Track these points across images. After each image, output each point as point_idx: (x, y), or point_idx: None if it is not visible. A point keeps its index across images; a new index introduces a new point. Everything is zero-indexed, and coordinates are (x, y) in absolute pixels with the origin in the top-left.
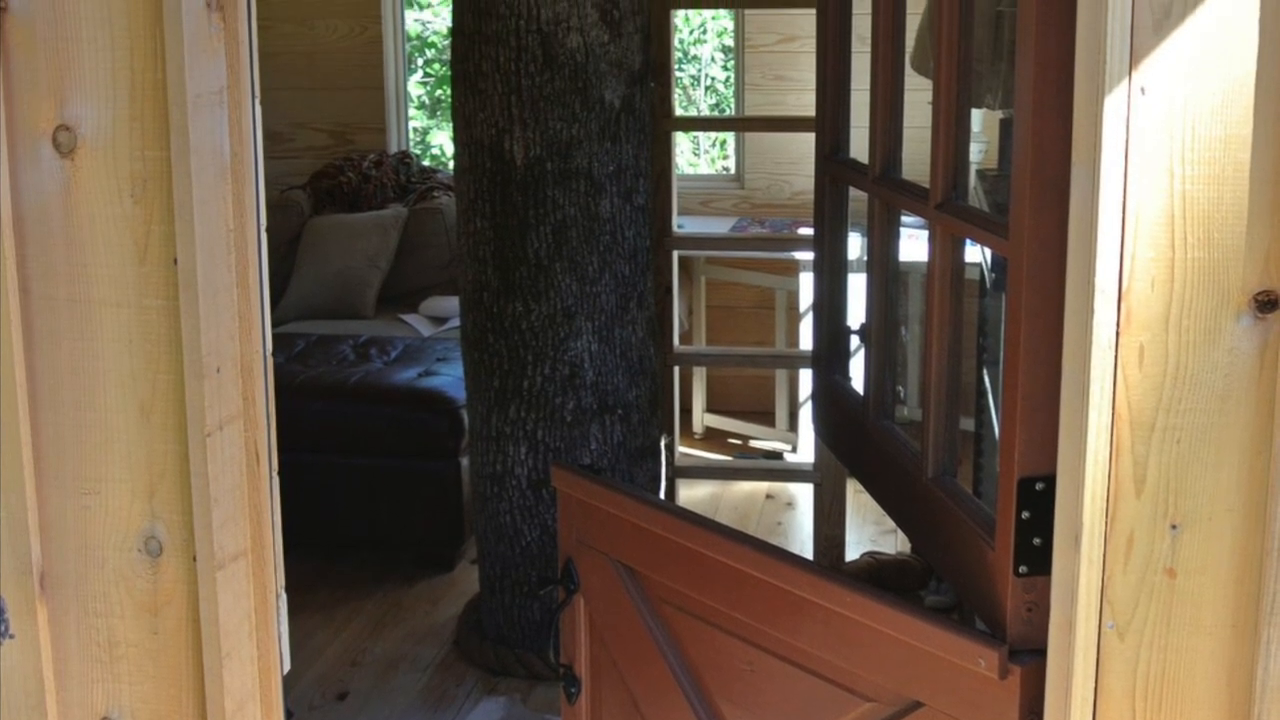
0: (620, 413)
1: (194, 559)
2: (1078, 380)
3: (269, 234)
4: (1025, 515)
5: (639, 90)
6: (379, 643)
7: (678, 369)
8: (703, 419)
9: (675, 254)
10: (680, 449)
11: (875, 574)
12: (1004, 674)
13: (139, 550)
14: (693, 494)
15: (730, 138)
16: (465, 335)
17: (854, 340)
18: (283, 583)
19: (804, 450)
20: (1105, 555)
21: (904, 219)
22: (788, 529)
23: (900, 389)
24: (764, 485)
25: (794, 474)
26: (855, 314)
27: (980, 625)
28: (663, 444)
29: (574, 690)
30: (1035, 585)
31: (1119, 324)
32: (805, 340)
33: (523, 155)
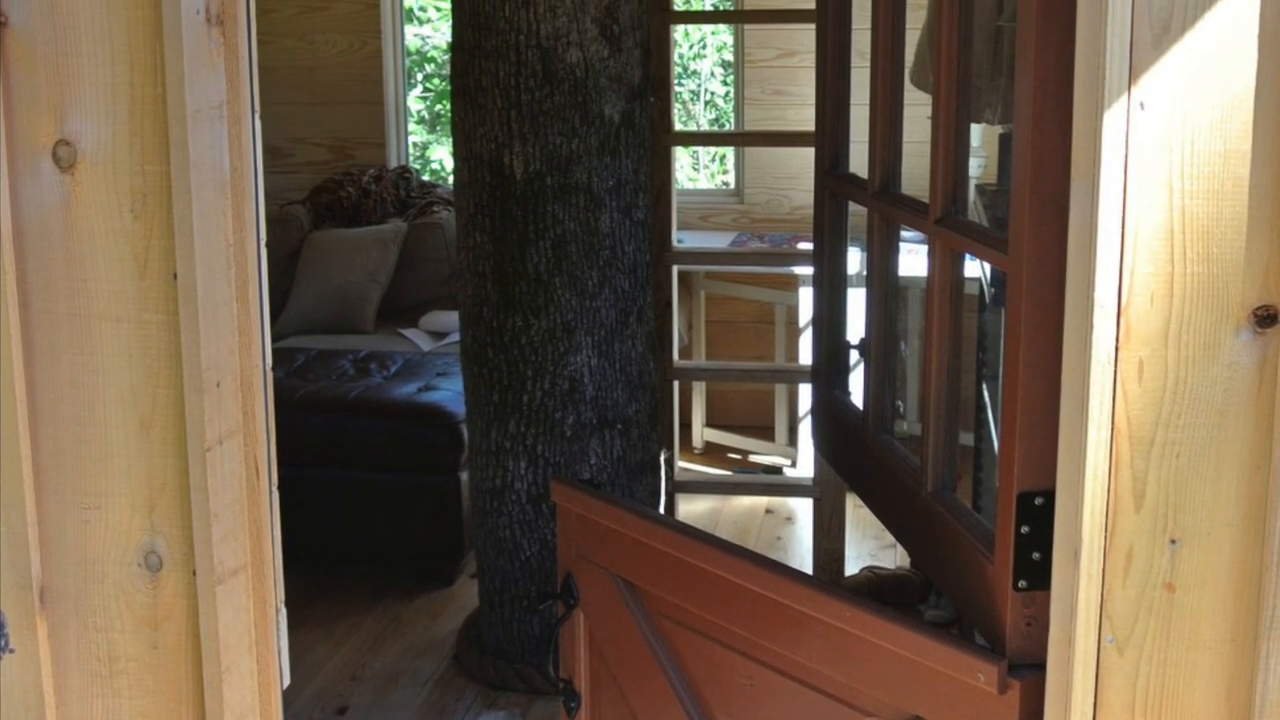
0: (620, 427)
1: (194, 573)
2: (1077, 395)
3: (269, 249)
4: (1024, 530)
5: (639, 105)
6: (378, 657)
7: (677, 384)
8: (702, 434)
9: (675, 269)
10: (680, 464)
11: (875, 588)
12: (1003, 689)
13: (139, 565)
14: (692, 509)
15: (730, 152)
16: (465, 350)
17: (853, 355)
18: (282, 597)
19: (803, 465)
20: (1105, 570)
21: (903, 234)
22: (787, 543)
23: (900, 404)
24: (763, 500)
25: (793, 489)
26: (855, 329)
27: (980, 640)
28: (662, 459)
29: (574, 705)
30: (1034, 600)
31: (1118, 339)
32: (805, 355)
33: (522, 170)
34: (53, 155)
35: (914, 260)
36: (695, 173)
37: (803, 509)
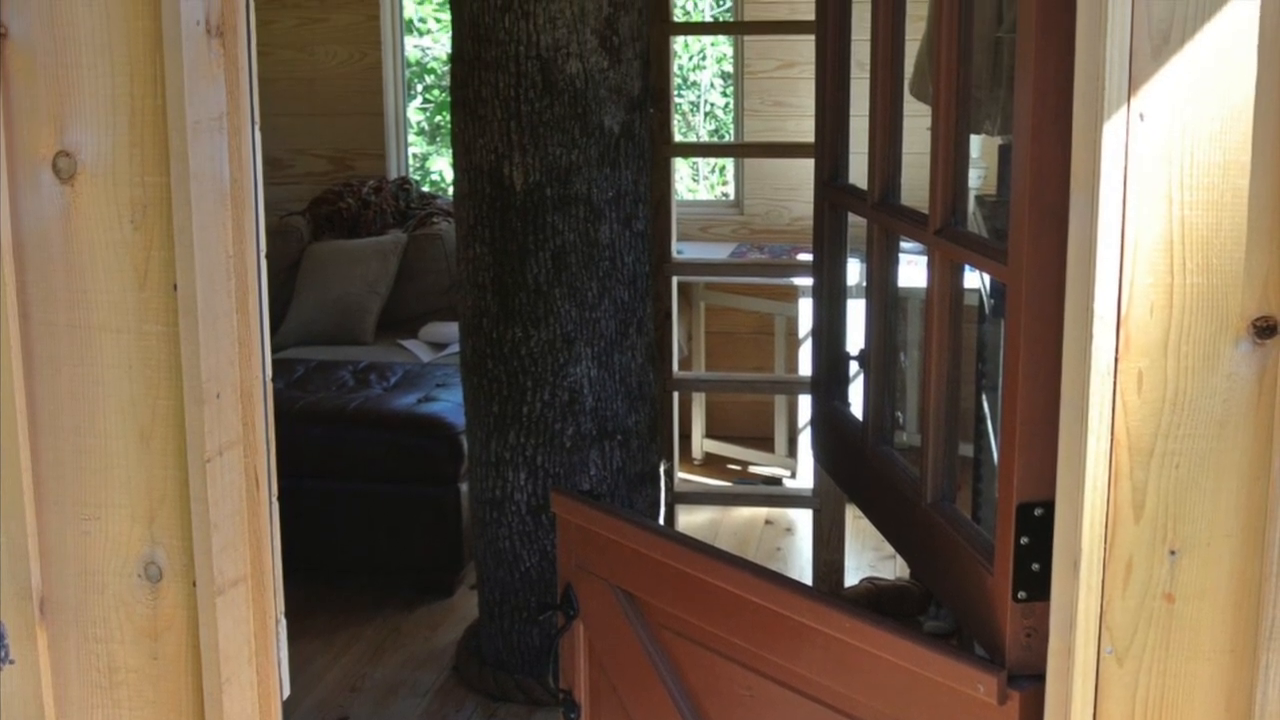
0: (620, 438)
1: (194, 584)
2: (1076, 406)
3: (268, 260)
4: (1024, 540)
5: (638, 116)
6: (378, 668)
7: (677, 394)
8: (702, 444)
9: (675, 280)
10: (679, 474)
11: (874, 599)
12: (1003, 699)
13: (139, 575)
14: (692, 519)
15: (729, 163)
16: (465, 361)
17: (853, 366)
18: (282, 608)
19: (803, 476)
20: (1104, 580)
21: (903, 244)
22: (787, 554)
23: (899, 414)
24: (763, 511)
25: (793, 499)
26: (854, 340)
27: (979, 651)
28: (662, 469)
29: (573, 716)
30: (1034, 611)
31: (1118, 350)
32: (804, 366)
33: (522, 181)
34: (53, 166)
35: (913, 271)
36: (695, 184)
37: (802, 520)
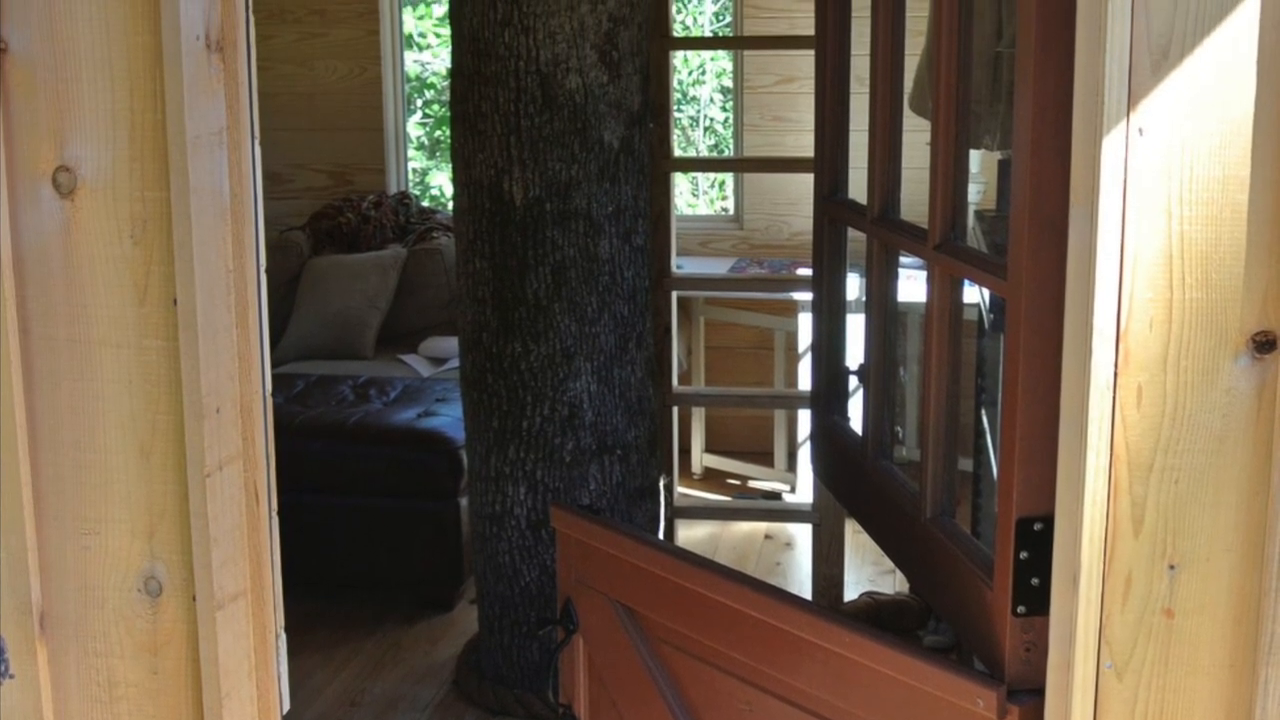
0: (619, 453)
1: (194, 599)
2: (1076, 421)
3: (268, 274)
4: (1023, 555)
5: (638, 131)
6: (378, 683)
7: (676, 409)
8: (701, 459)
9: (674, 294)
10: (679, 489)
11: (874, 614)
12: (1002, 714)
13: (139, 590)
14: (691, 534)
15: (729, 178)
16: (464, 376)
17: (852, 381)
18: (282, 623)
19: (803, 490)
20: (1103, 595)
21: (902, 259)
22: (786, 569)
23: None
24: (763, 525)
25: (792, 514)
26: (854, 354)
27: (979, 665)
28: (661, 484)
29: None
30: (1033, 625)
31: (1117, 364)
32: (804, 381)
33: (522, 196)
34: (53, 181)
35: (913, 286)
36: (694, 198)
37: (802, 534)
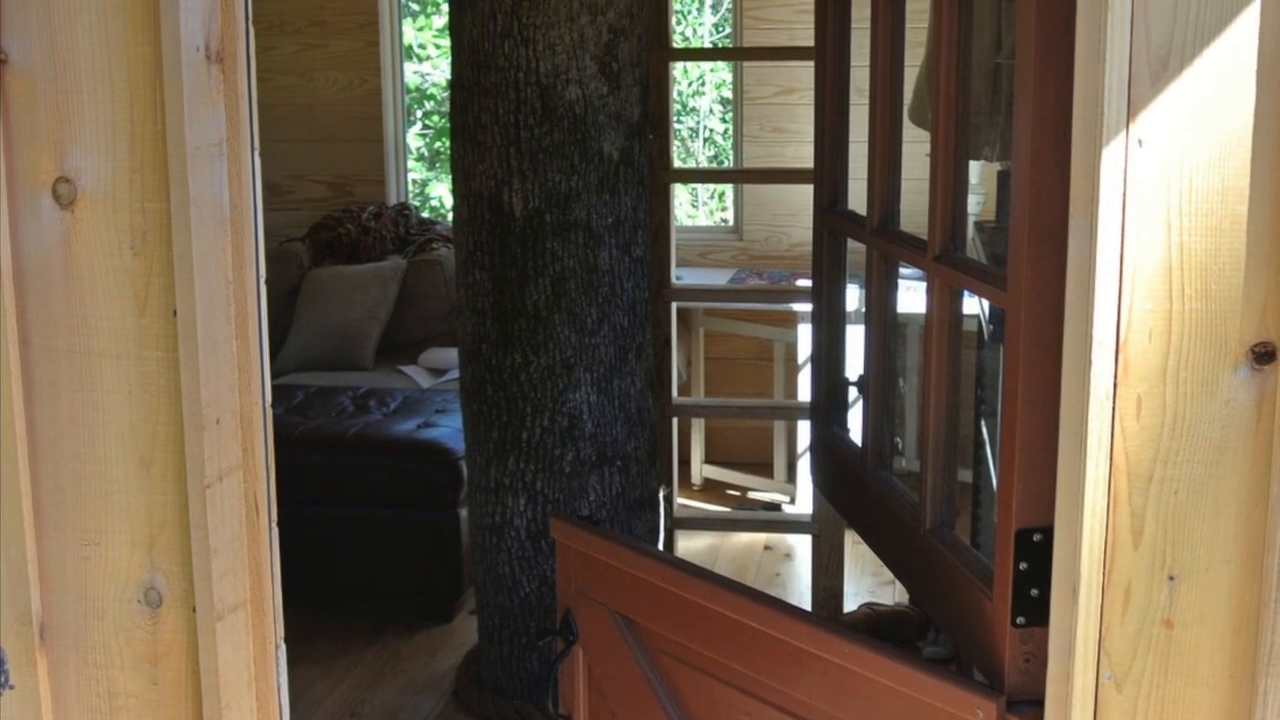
0: (619, 464)
1: (194, 610)
2: (1075, 431)
3: (268, 285)
4: (1023, 566)
5: (638, 142)
6: (378, 694)
7: (676, 420)
8: (701, 470)
9: (674, 305)
10: (679, 500)
11: (873, 625)
12: None
13: (139, 601)
14: (691, 545)
15: (729, 189)
16: (464, 387)
17: (852, 392)
18: (282, 634)
19: (802, 501)
20: (1103, 606)
21: (902, 271)
22: (786, 580)
23: (898, 440)
24: (762, 536)
25: (792, 525)
26: (853, 365)
27: (978, 676)
28: (661, 495)
29: None
30: (1033, 636)
31: (1117, 375)
32: (803, 392)
33: (521, 207)
34: (53, 192)
35: (913, 297)
36: (694, 210)
37: (801, 545)
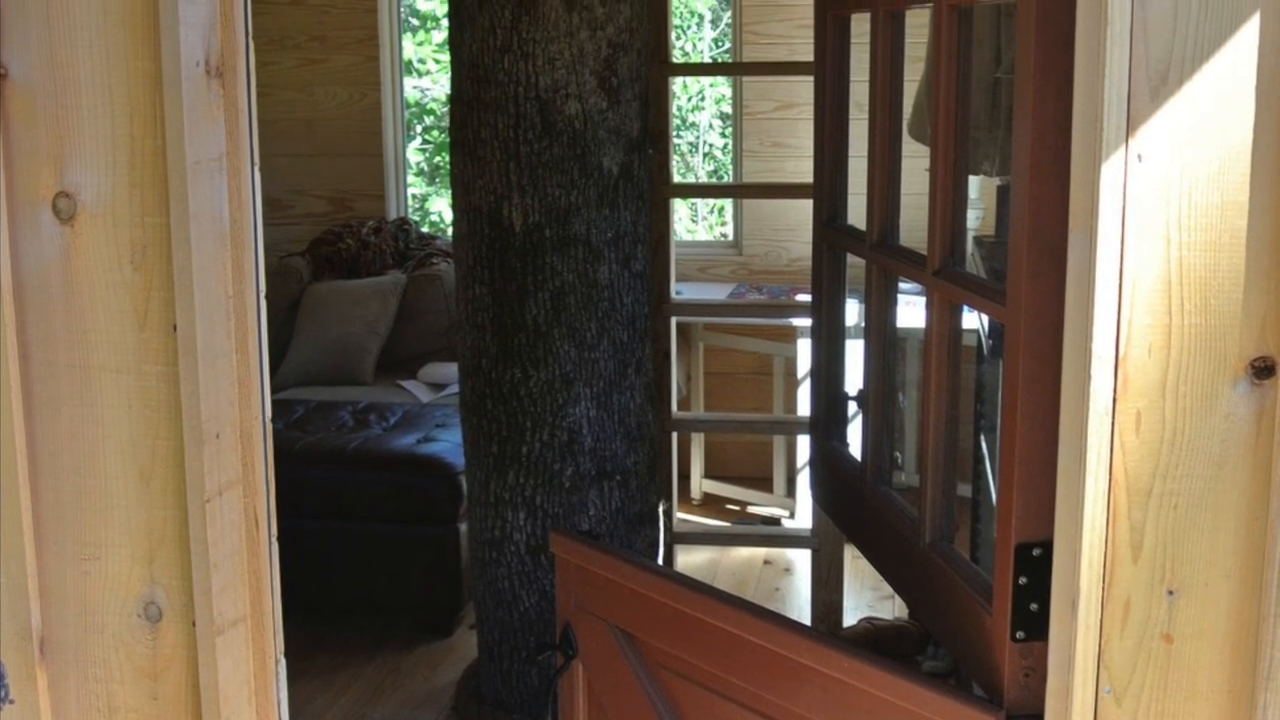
0: (619, 478)
1: (193, 624)
2: (1075, 446)
3: (268, 300)
4: (1022, 581)
5: (637, 157)
6: (378, 708)
7: (676, 435)
8: (701, 485)
9: (673, 320)
10: (678, 515)
11: (873, 639)
12: None
13: (139, 615)
14: (691, 560)
15: (728, 204)
16: (464, 401)
17: (851, 406)
18: (282, 648)
19: (802, 516)
20: (1102, 621)
21: (901, 285)
22: (785, 594)
23: (898, 455)
24: (762, 551)
25: (792, 539)
26: (853, 380)
27: (978, 691)
28: (661, 510)
29: None
30: (1032, 650)
31: (1116, 390)
32: (803, 406)
33: (521, 222)
34: (53, 207)
35: (912, 312)
36: (694, 224)
37: (801, 560)
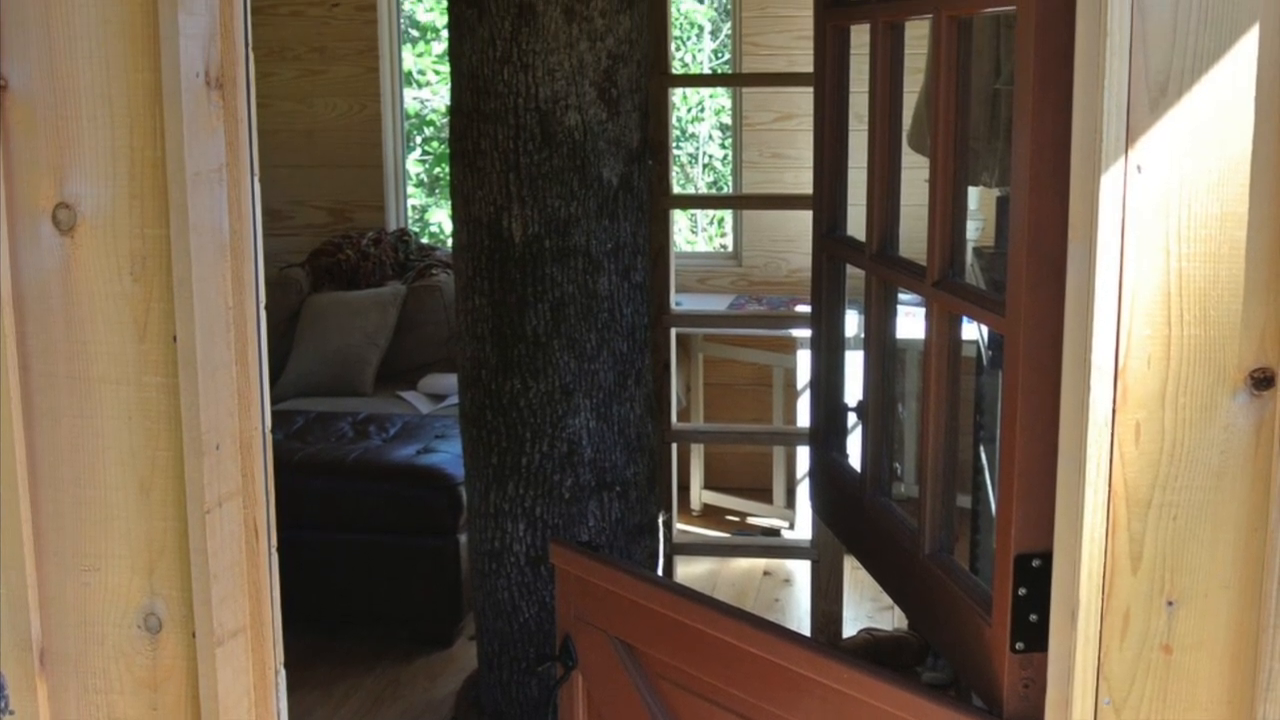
0: (618, 490)
1: (193, 635)
2: (1074, 457)
3: (268, 311)
4: (1022, 592)
5: (637, 168)
6: (378, 719)
7: (675, 446)
8: (700, 496)
9: (673, 331)
10: (678, 526)
11: (872, 650)
12: None
13: (138, 626)
14: (690, 571)
15: (728, 215)
16: (464, 412)
17: (851, 417)
18: (281, 659)
19: (801, 527)
20: (1102, 632)
21: (901, 296)
22: (785, 605)
23: (897, 466)
24: (761, 562)
25: (791, 550)
26: (852, 391)
27: (977, 702)
28: (660, 521)
29: None
30: (1032, 661)
31: (1115, 401)
32: (802, 417)
33: (521, 233)
34: (52, 218)
35: (912, 323)
36: (693, 235)
37: (801, 571)
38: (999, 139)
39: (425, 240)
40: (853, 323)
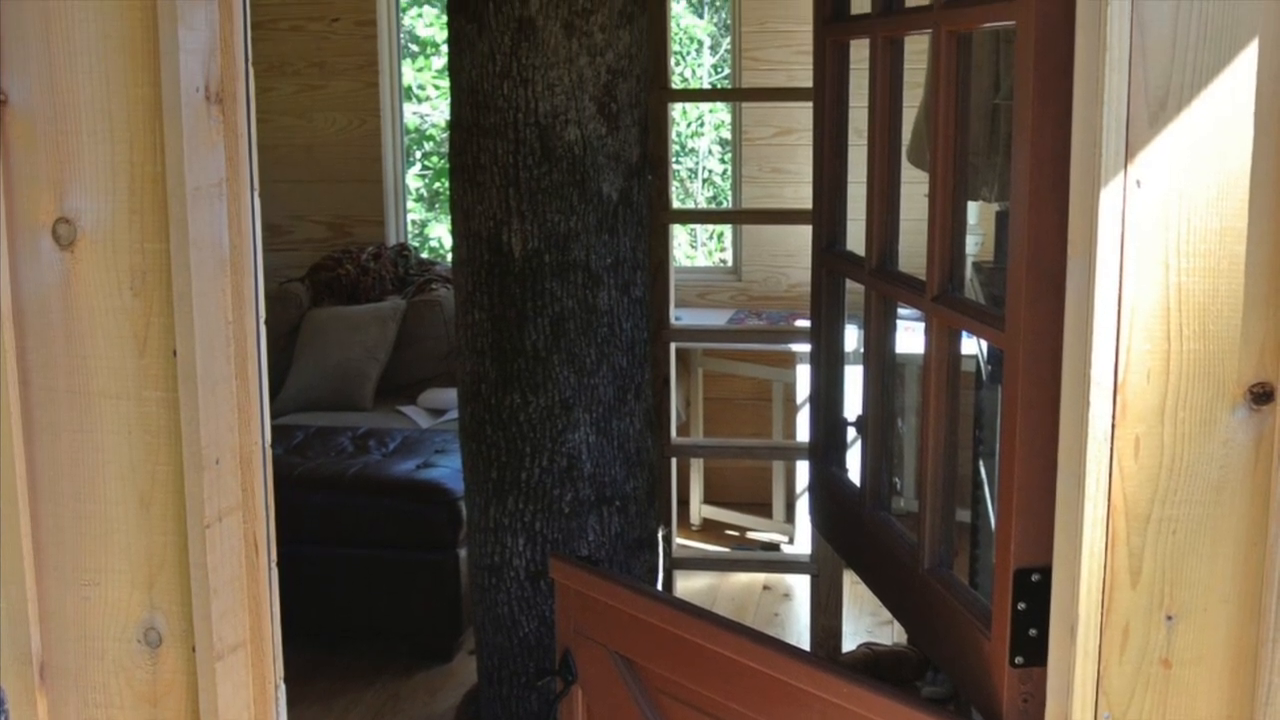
0: (618, 504)
1: (193, 650)
2: (1074, 472)
3: (268, 326)
4: (1021, 606)
5: (637, 183)
6: None
7: (675, 460)
8: (700, 510)
9: (673, 346)
10: (677, 540)
11: (872, 665)
12: None
13: (138, 641)
14: (690, 585)
15: (727, 230)
16: (463, 427)
17: (850, 432)
18: (281, 673)
19: (801, 541)
20: (1101, 646)
21: (900, 311)
22: (785, 620)
23: (897, 480)
24: (761, 576)
25: (791, 565)
26: (852, 406)
27: (976, 716)
28: (660, 535)
29: None
30: (1031, 676)
31: (1115, 416)
32: (802, 432)
33: (521, 247)
34: (52, 233)
35: (911, 337)
36: (693, 250)
37: (800, 585)
38: (998, 154)
39: (425, 255)
40: (852, 337)
